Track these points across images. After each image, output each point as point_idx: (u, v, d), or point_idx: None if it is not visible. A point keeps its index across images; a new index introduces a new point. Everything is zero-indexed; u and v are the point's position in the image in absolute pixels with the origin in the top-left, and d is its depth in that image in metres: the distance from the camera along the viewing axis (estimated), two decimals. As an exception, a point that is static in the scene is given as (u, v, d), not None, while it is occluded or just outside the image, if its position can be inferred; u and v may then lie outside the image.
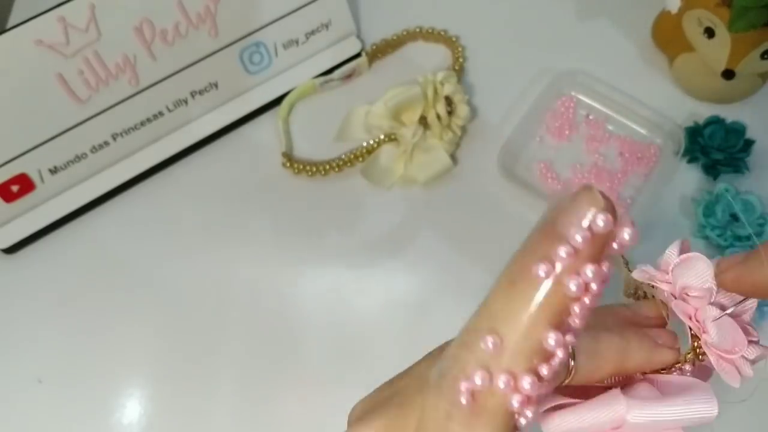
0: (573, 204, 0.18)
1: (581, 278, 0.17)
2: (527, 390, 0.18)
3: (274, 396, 0.46)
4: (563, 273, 0.18)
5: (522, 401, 0.18)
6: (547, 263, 0.18)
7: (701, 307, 0.24)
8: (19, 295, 0.49)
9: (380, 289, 0.49)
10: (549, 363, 0.18)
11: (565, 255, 0.17)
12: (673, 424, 0.22)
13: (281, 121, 0.54)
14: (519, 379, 0.18)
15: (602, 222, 0.17)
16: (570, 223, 0.18)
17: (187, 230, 0.51)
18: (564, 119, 0.54)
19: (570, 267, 0.18)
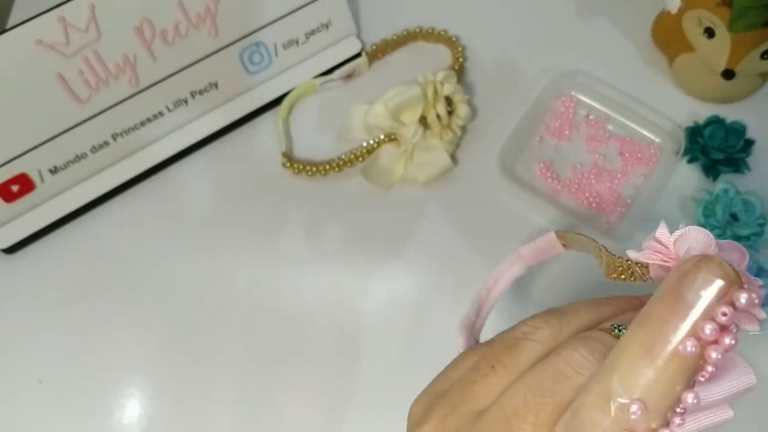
0: (704, 275, 0.20)
1: (722, 348, 0.19)
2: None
3: (274, 396, 0.46)
4: (707, 346, 0.19)
5: None
6: (694, 340, 0.19)
7: None
8: (19, 295, 0.49)
9: (380, 289, 0.49)
10: (682, 416, 0.20)
11: (710, 332, 0.19)
12: (723, 401, 0.22)
13: (281, 121, 0.54)
14: None
15: (744, 300, 0.19)
16: (705, 295, 0.19)
17: (187, 230, 0.51)
18: (564, 119, 0.54)
19: (713, 339, 0.19)
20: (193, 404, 0.46)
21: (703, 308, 0.19)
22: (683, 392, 0.20)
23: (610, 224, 0.50)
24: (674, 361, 0.20)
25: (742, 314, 0.23)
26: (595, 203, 0.51)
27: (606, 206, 0.51)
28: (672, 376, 0.20)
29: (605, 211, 0.51)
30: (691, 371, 0.20)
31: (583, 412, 0.21)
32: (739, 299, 0.19)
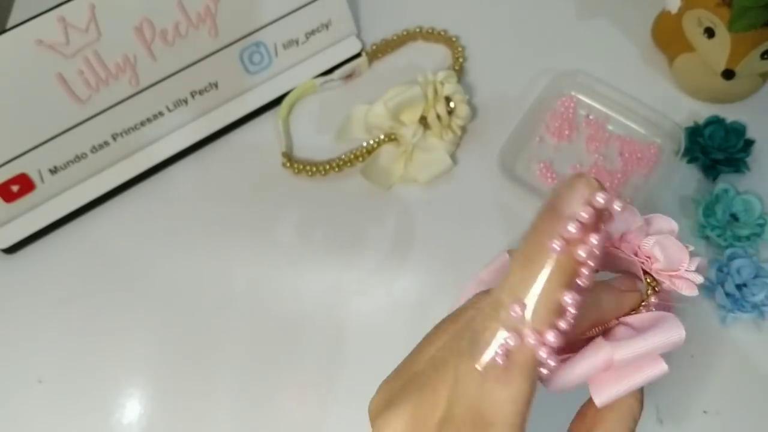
0: (572, 188, 0.22)
1: (588, 246, 0.22)
2: (552, 342, 0.22)
3: (273, 396, 0.46)
4: (574, 244, 0.22)
5: (548, 352, 0.22)
6: (559, 239, 0.22)
7: (640, 241, 0.27)
8: (19, 295, 0.49)
9: (380, 289, 0.49)
10: (565, 318, 0.22)
11: (575, 230, 0.22)
12: (654, 353, 0.25)
13: (281, 121, 0.54)
14: (544, 334, 0.22)
15: (602, 199, 0.22)
16: (573, 203, 0.22)
17: (187, 230, 0.51)
18: (564, 119, 0.54)
19: (579, 239, 0.22)
20: (193, 404, 0.46)
21: (568, 212, 0.22)
22: (563, 294, 0.22)
23: (610, 224, 0.50)
24: (547, 263, 0.22)
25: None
26: (595, 203, 0.51)
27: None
28: (547, 277, 0.22)
29: (605, 211, 0.51)
30: (565, 272, 0.22)
31: (478, 322, 0.24)
32: (598, 199, 0.22)
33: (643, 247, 0.27)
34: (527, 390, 0.23)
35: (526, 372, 0.23)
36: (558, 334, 0.22)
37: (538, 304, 0.22)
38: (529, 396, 0.23)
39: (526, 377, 0.23)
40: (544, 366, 0.23)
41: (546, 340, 0.22)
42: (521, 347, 0.22)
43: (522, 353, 0.22)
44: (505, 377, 0.23)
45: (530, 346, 0.22)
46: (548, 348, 0.22)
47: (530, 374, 0.23)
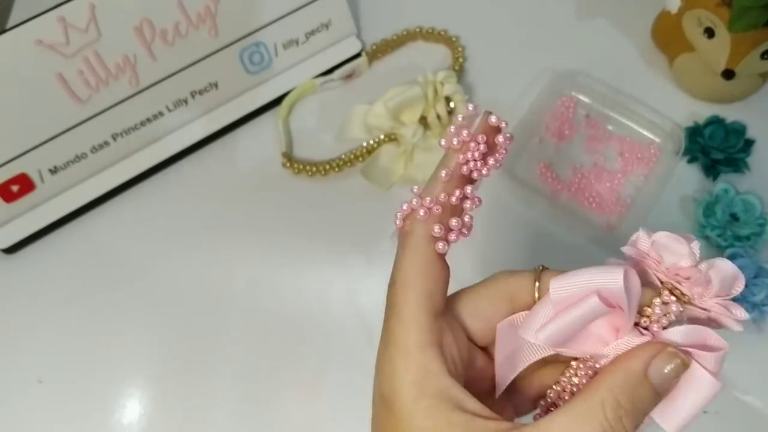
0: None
1: (459, 137, 0.27)
2: (428, 203, 0.26)
3: (274, 396, 0.46)
4: (452, 137, 0.27)
5: (424, 211, 0.26)
6: (446, 141, 0.27)
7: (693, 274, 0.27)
8: (19, 295, 0.49)
9: (380, 289, 0.49)
10: (447, 193, 0.27)
11: (453, 129, 0.27)
12: (590, 290, 0.25)
13: (281, 121, 0.54)
14: (424, 199, 0.27)
15: (470, 107, 0.27)
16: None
17: (187, 230, 0.51)
18: (564, 119, 0.54)
19: (454, 133, 0.27)
20: (193, 403, 0.46)
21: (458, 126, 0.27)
22: (441, 170, 0.27)
23: (610, 224, 0.50)
24: (441, 162, 0.27)
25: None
26: (595, 203, 0.51)
27: (606, 206, 0.51)
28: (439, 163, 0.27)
29: (605, 211, 0.51)
30: (446, 158, 0.27)
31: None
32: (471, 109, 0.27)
33: (649, 250, 0.27)
34: (418, 251, 0.27)
35: (415, 234, 0.27)
36: (434, 200, 0.26)
37: (427, 182, 0.27)
38: (421, 258, 0.27)
39: (415, 240, 0.27)
40: (428, 225, 0.26)
41: (424, 201, 0.27)
42: (411, 212, 0.27)
43: (417, 224, 0.27)
44: (400, 241, 0.27)
45: (414, 207, 0.27)
46: (425, 209, 0.26)
47: (419, 237, 0.27)
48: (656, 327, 0.26)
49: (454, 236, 0.27)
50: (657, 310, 0.27)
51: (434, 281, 0.27)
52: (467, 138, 0.27)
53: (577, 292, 0.26)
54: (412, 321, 0.27)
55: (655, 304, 0.27)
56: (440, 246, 0.27)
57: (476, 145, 0.27)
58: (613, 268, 0.25)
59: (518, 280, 0.29)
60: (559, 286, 0.26)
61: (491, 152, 0.27)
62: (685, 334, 0.26)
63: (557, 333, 0.26)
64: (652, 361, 0.25)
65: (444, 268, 0.28)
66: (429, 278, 0.27)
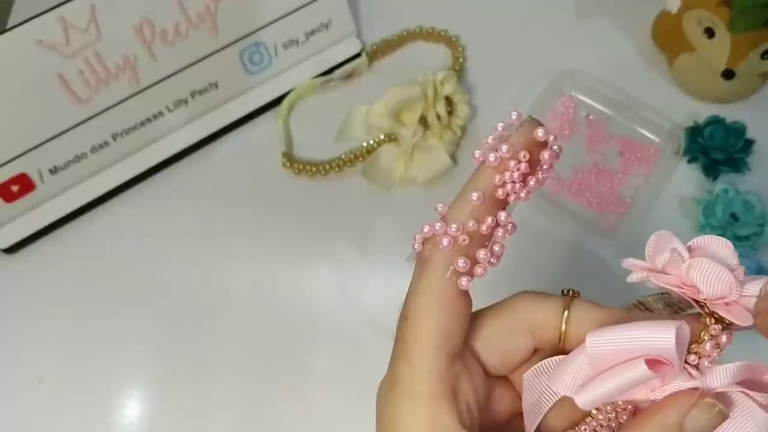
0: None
1: (498, 153, 0.23)
2: (453, 231, 0.23)
3: (274, 396, 0.46)
4: (488, 151, 0.23)
5: (449, 241, 0.23)
6: (480, 150, 0.23)
7: (678, 269, 0.24)
8: (19, 295, 0.49)
9: (380, 289, 0.49)
10: (477, 220, 0.23)
11: (490, 140, 0.23)
12: (634, 350, 0.22)
13: (281, 121, 0.54)
14: (449, 225, 0.23)
15: (514, 115, 0.24)
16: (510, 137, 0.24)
17: (187, 230, 0.51)
18: (564, 119, 0.54)
19: (491, 146, 0.23)
20: (193, 403, 0.46)
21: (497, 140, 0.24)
22: (473, 192, 0.23)
23: (610, 224, 0.50)
24: (472, 178, 0.24)
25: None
26: (595, 203, 0.51)
27: (606, 206, 0.51)
28: (469, 185, 0.24)
29: (605, 211, 0.51)
30: (480, 179, 0.23)
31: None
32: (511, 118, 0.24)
33: (683, 276, 0.24)
34: (437, 285, 0.23)
35: (435, 265, 0.23)
36: (461, 227, 0.23)
37: (454, 202, 0.24)
38: (440, 293, 0.23)
39: (435, 270, 0.23)
40: (463, 273, 0.23)
41: (450, 229, 0.23)
42: (432, 237, 0.23)
43: (437, 250, 0.23)
44: (417, 269, 0.24)
45: (437, 233, 0.23)
46: (449, 238, 0.22)
47: (439, 268, 0.23)
48: (707, 362, 0.24)
49: (480, 270, 0.23)
50: (707, 346, 0.24)
51: (453, 320, 0.23)
52: (507, 154, 0.23)
53: (618, 350, 0.23)
54: (425, 366, 0.23)
55: (704, 339, 0.24)
56: (464, 282, 0.23)
57: (517, 163, 0.23)
58: (663, 325, 0.22)
59: (543, 310, 0.25)
60: (598, 343, 0.23)
61: (532, 171, 0.24)
62: (737, 371, 0.23)
63: (598, 398, 0.23)
64: (689, 412, 0.23)
65: (466, 305, 0.24)
66: (447, 317, 0.23)
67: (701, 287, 0.24)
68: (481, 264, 0.23)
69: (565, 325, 0.24)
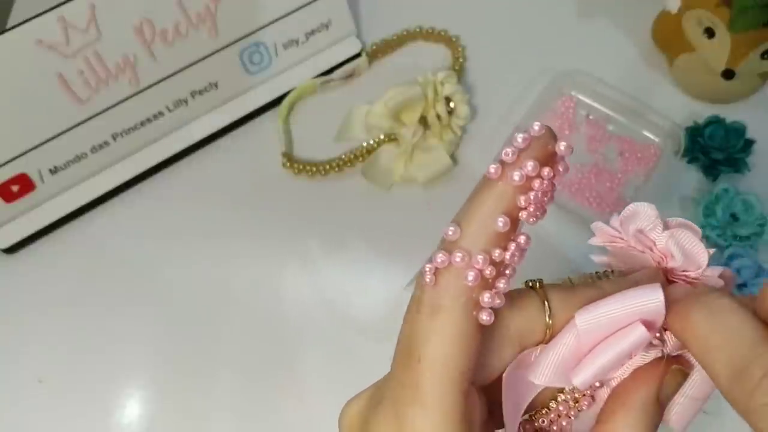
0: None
1: (523, 171, 0.21)
2: (479, 263, 0.20)
3: (274, 396, 0.46)
4: (508, 167, 0.21)
5: (475, 276, 0.20)
6: (497, 164, 0.21)
7: (656, 236, 0.25)
8: (19, 295, 0.49)
9: (381, 289, 0.49)
10: (501, 247, 0.21)
11: (510, 154, 0.21)
12: (625, 318, 0.22)
13: (281, 121, 0.54)
14: (473, 256, 0.21)
15: (537, 127, 0.21)
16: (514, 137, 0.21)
17: (187, 230, 0.51)
18: (564, 119, 0.54)
19: (514, 163, 0.21)
20: (193, 404, 0.46)
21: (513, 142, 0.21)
22: (497, 218, 0.21)
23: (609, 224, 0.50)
24: (485, 188, 0.22)
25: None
26: (595, 203, 0.51)
27: (606, 206, 0.51)
28: (485, 200, 0.21)
29: (605, 211, 0.51)
30: (501, 198, 0.21)
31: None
32: (533, 128, 0.21)
33: (658, 243, 0.24)
34: (457, 324, 0.21)
35: (454, 301, 0.21)
36: (488, 259, 0.20)
37: (473, 225, 0.21)
38: (460, 333, 0.21)
39: (454, 307, 0.21)
40: (474, 291, 0.21)
41: (474, 261, 0.20)
42: (450, 269, 0.21)
43: (453, 278, 0.21)
44: (432, 305, 0.21)
45: (458, 266, 0.20)
46: (476, 271, 0.20)
47: (460, 305, 0.21)
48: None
49: (498, 302, 0.21)
50: None
51: (472, 359, 0.21)
52: (533, 172, 0.21)
53: (608, 322, 0.22)
54: (443, 414, 0.21)
55: None
56: (485, 317, 0.21)
57: (542, 182, 0.21)
58: (647, 287, 0.22)
59: (523, 315, 0.23)
60: (588, 319, 0.22)
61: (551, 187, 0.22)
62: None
63: (597, 373, 0.22)
64: (663, 383, 0.24)
65: (480, 340, 0.22)
66: (468, 357, 0.21)
67: (676, 256, 0.24)
68: (499, 295, 0.21)
69: (551, 321, 0.23)
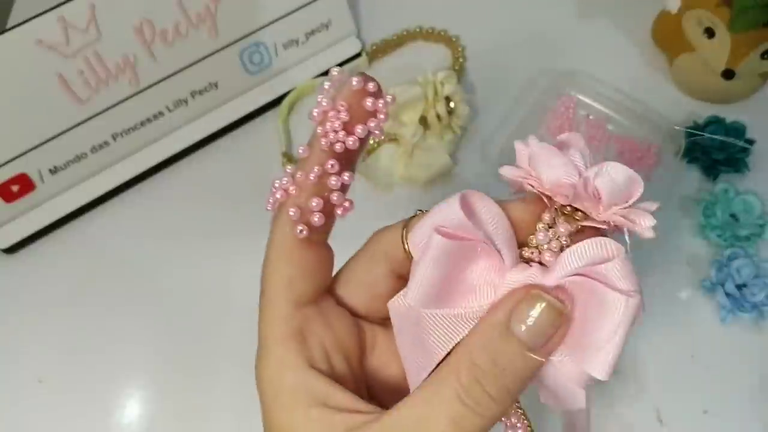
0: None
1: (319, 108, 0.24)
2: (292, 191, 0.24)
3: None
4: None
5: (293, 209, 0.23)
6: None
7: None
8: (19, 295, 0.49)
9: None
10: (312, 171, 0.24)
11: (318, 98, 0.25)
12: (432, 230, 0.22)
13: (281, 121, 0.54)
14: (289, 185, 0.24)
15: (335, 72, 0.25)
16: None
17: (187, 230, 0.51)
18: (564, 119, 0.54)
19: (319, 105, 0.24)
20: (193, 403, 0.46)
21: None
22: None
23: (610, 224, 0.50)
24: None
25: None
26: (595, 203, 0.51)
27: (606, 206, 0.51)
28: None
29: (605, 211, 0.51)
30: (315, 136, 0.24)
31: None
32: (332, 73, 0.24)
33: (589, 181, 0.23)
34: (278, 237, 0.24)
35: (277, 218, 0.24)
36: (289, 178, 0.24)
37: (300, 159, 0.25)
38: (281, 244, 0.24)
39: (276, 222, 0.24)
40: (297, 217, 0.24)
41: (281, 183, 0.24)
42: (278, 188, 0.24)
43: (276, 200, 0.24)
44: (271, 227, 0.25)
45: (279, 187, 0.24)
46: (282, 191, 0.24)
47: (279, 218, 0.24)
48: (548, 256, 0.22)
49: (317, 219, 0.24)
50: (540, 236, 0.22)
51: (295, 267, 0.25)
52: (327, 107, 0.25)
53: (427, 234, 0.22)
54: (271, 312, 0.25)
55: (539, 229, 0.22)
56: (298, 230, 0.24)
57: (336, 113, 0.24)
58: (451, 198, 0.23)
59: (389, 233, 0.26)
60: (416, 240, 0.23)
61: (358, 120, 0.25)
62: (583, 253, 0.21)
63: (425, 291, 0.22)
64: (515, 308, 0.21)
65: (313, 253, 0.25)
66: (290, 266, 0.25)
67: (542, 171, 0.23)
68: (315, 212, 0.24)
69: (406, 244, 0.24)
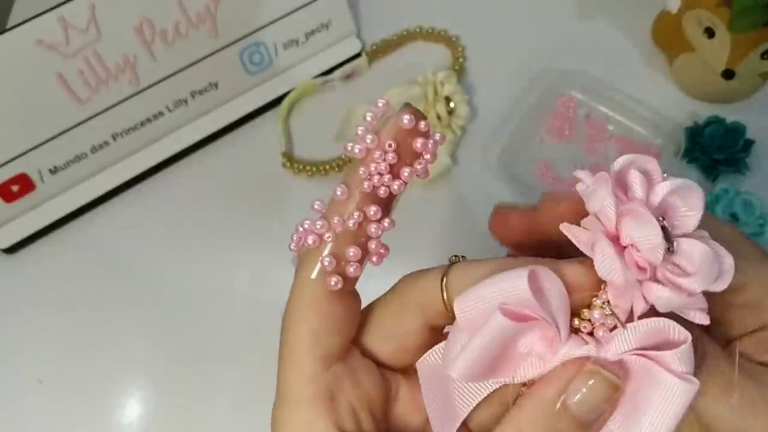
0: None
1: (362, 144, 0.22)
2: (328, 239, 0.22)
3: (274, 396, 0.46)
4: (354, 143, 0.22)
5: (329, 258, 0.22)
6: (352, 144, 0.22)
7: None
8: (19, 295, 0.49)
9: (380, 289, 0.49)
10: (352, 218, 0.22)
11: (359, 132, 0.22)
12: (494, 303, 0.20)
13: (281, 121, 0.54)
14: (325, 232, 0.22)
15: (381, 104, 0.22)
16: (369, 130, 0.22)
17: (187, 230, 0.51)
18: (564, 119, 0.54)
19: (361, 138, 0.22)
20: (193, 403, 0.46)
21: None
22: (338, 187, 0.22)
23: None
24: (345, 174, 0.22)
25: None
26: (595, 203, 0.51)
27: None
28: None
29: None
30: (351, 177, 0.22)
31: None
32: (378, 105, 0.22)
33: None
34: (307, 287, 0.23)
35: (304, 264, 0.23)
36: (325, 224, 0.22)
37: (331, 202, 0.23)
38: (310, 296, 0.23)
39: (304, 270, 0.23)
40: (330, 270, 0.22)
41: (314, 227, 0.23)
42: (308, 231, 0.23)
43: (305, 246, 0.23)
44: (295, 274, 0.23)
45: (308, 231, 0.23)
46: (315, 236, 0.23)
47: (308, 266, 0.23)
48: (602, 331, 0.20)
49: (352, 269, 0.22)
50: (596, 314, 0.20)
51: (323, 322, 0.23)
52: (372, 145, 0.22)
53: (487, 308, 0.20)
54: (296, 369, 0.23)
55: (595, 305, 0.20)
56: (332, 281, 0.22)
57: (382, 154, 0.22)
58: (516, 272, 0.20)
59: (425, 282, 0.24)
60: (465, 307, 0.20)
61: (405, 161, 0.22)
62: (643, 334, 0.20)
63: (471, 365, 0.20)
64: (570, 384, 0.20)
65: (343, 306, 0.23)
66: (317, 318, 0.23)
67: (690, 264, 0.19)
68: (352, 262, 0.22)
69: (446, 292, 0.22)
